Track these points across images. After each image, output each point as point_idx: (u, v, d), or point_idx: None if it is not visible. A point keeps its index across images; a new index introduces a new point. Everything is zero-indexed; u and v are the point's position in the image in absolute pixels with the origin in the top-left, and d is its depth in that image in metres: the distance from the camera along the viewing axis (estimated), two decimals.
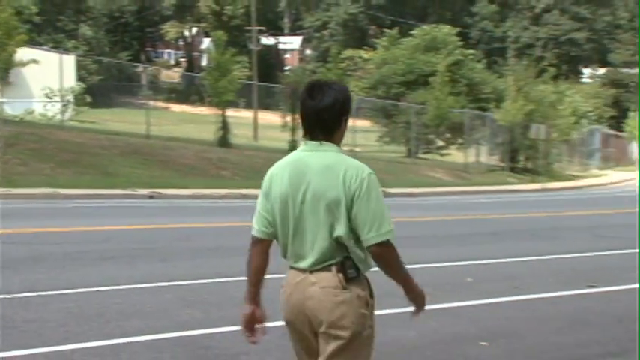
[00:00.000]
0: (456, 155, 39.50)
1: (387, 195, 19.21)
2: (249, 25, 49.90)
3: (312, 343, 3.55)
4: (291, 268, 3.57)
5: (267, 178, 3.63)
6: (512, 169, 39.27)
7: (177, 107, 53.08)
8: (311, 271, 3.45)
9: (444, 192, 27.64)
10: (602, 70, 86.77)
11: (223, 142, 29.56)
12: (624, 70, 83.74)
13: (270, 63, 73.71)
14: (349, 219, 3.37)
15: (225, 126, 29.97)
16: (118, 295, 8.28)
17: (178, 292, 8.56)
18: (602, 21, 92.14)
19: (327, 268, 3.42)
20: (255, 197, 15.06)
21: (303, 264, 3.48)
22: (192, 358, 6.22)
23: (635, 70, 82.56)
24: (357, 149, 34.82)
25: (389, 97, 42.16)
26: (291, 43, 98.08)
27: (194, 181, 22.90)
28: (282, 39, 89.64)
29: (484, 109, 41.18)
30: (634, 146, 65.27)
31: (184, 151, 27.11)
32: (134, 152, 25.15)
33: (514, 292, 9.45)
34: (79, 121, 32.18)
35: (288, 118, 31.87)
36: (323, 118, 3.45)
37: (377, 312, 7.16)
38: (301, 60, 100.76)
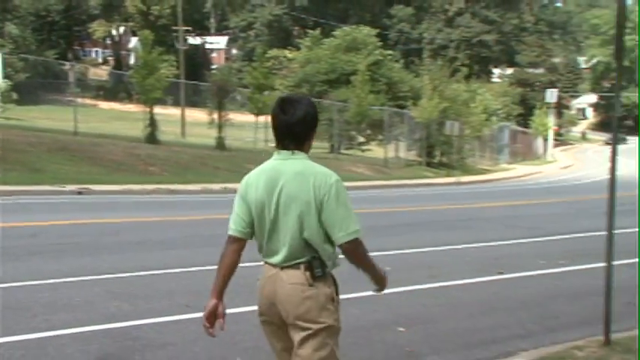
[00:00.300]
0: (376, 151, 39.82)
1: None
2: (176, 25, 49.24)
3: (281, 330, 3.74)
4: (266, 263, 3.76)
5: (243, 183, 3.80)
6: (429, 164, 39.83)
7: (105, 105, 52.10)
8: (282, 268, 3.65)
9: (365, 186, 27.80)
10: (510, 71, 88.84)
11: (151, 138, 29.13)
12: (530, 70, 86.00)
13: (197, 62, 73.01)
14: (319, 220, 3.58)
15: (153, 123, 29.53)
16: (45, 289, 8.08)
17: (106, 285, 8.40)
18: (510, 24, 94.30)
19: (296, 266, 3.62)
20: (184, 192, 15.03)
21: (275, 260, 3.67)
22: (120, 350, 6.11)
23: (539, 70, 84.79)
24: None
25: (312, 95, 42.16)
26: (217, 42, 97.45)
27: (123, 177, 22.49)
28: (208, 38, 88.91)
29: (402, 107, 41.64)
30: (539, 142, 67.05)
31: (113, 147, 26.61)
32: (62, 149, 24.54)
33: (430, 280, 9.58)
34: (5, 118, 31.22)
35: (215, 116, 31.61)
36: (295, 131, 3.64)
37: None
38: (227, 59, 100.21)
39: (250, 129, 33.32)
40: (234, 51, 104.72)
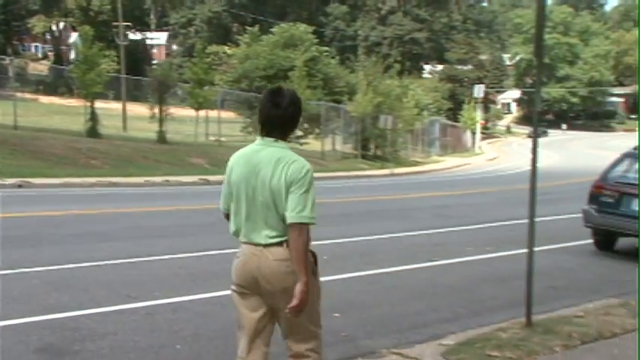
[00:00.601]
0: (313, 144, 39.87)
1: None
2: (117, 21, 48.41)
3: (254, 300, 3.90)
4: (245, 243, 3.89)
5: (228, 167, 3.98)
6: (364, 156, 40.07)
7: (45, 99, 50.80)
8: (265, 246, 3.80)
9: None
10: (440, 67, 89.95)
11: (92, 132, 28.60)
12: (459, 67, 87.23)
13: (137, 57, 71.84)
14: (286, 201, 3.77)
15: (94, 117, 28.99)
16: None
17: (46, 277, 8.23)
18: (440, 22, 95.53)
19: (279, 244, 3.79)
20: (125, 185, 14.82)
21: (258, 239, 3.82)
22: (60, 340, 6.00)
23: (467, 67, 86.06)
24: (223, 139, 34.58)
25: (251, 90, 42.02)
26: (158, 38, 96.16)
27: (64, 171, 22.01)
28: (149, 34, 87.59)
29: (338, 102, 41.75)
30: (468, 135, 68.13)
31: (53, 141, 26.01)
32: (1, 142, 23.86)
33: (365, 267, 9.66)
34: None
35: (156, 110, 31.21)
36: (284, 123, 3.86)
37: (221, 293, 7.19)
38: (168, 55, 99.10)
39: (191, 123, 33.00)
40: (174, 47, 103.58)
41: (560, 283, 9.36)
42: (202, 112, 31.89)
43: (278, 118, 3.84)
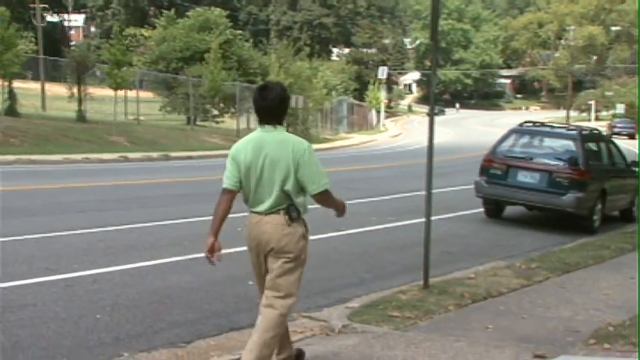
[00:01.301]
0: (229, 122, 39.50)
1: (168, 158, 18.89)
2: (34, 3, 46.38)
3: (264, 260, 4.42)
4: (252, 212, 4.42)
5: (233, 148, 4.45)
6: None
7: None
8: (266, 214, 4.33)
9: (219, 154, 27.51)
10: (347, 50, 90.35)
11: (11, 111, 27.35)
12: (364, 50, 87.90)
13: (55, 38, 69.18)
14: (295, 177, 4.29)
15: (12, 96, 27.72)
16: None
17: None
18: (346, 8, 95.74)
19: (277, 212, 4.33)
20: (45, 162, 14.22)
21: (261, 209, 4.35)
22: None
23: (372, 50, 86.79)
24: (142, 118, 33.83)
25: (169, 71, 41.25)
26: (75, 20, 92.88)
27: None
28: (67, 16, 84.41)
29: (252, 82, 41.32)
30: (373, 113, 68.88)
31: None
32: None
33: None
34: None
35: (75, 90, 30.19)
36: (273, 112, 4.36)
37: (139, 264, 7.08)
38: (86, 37, 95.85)
39: (110, 103, 32.02)
40: (92, 29, 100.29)
41: (454, 249, 9.63)
42: (121, 92, 30.99)
43: (267, 108, 4.34)
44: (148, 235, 9.36)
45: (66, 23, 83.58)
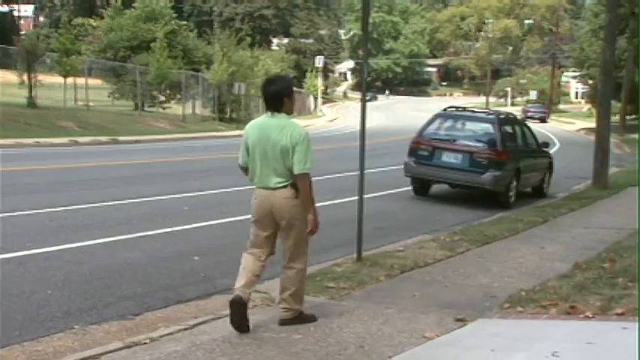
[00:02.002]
0: (175, 108, 38.90)
1: (117, 142, 18.47)
2: None
3: (268, 226, 4.85)
4: (260, 187, 4.81)
5: (245, 132, 4.91)
6: (221, 119, 39.57)
7: None
8: (275, 189, 4.74)
9: (167, 139, 27.15)
10: (286, 40, 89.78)
11: None
12: (302, 40, 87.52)
13: (5, 28, 66.49)
14: (292, 158, 4.69)
15: None
16: None
17: None
18: (285, 1, 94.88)
19: (285, 187, 4.74)
20: None
21: (269, 184, 4.75)
22: None
23: (309, 41, 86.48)
24: (91, 104, 32.95)
25: (116, 60, 40.23)
26: (25, 10, 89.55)
27: None
28: (16, 7, 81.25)
29: (197, 70, 40.77)
30: (311, 100, 68.81)
31: None
32: None
33: (222, 216, 9.60)
34: None
35: (25, 77, 29.15)
36: (274, 101, 4.76)
37: (90, 242, 6.94)
38: (35, 26, 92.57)
39: (60, 89, 31.08)
40: (41, 19, 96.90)
41: (385, 224, 9.74)
42: (70, 79, 30.12)
43: (270, 96, 4.76)
44: (98, 215, 9.16)
45: (15, 13, 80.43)
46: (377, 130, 35.90)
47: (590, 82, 50.19)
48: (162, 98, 39.17)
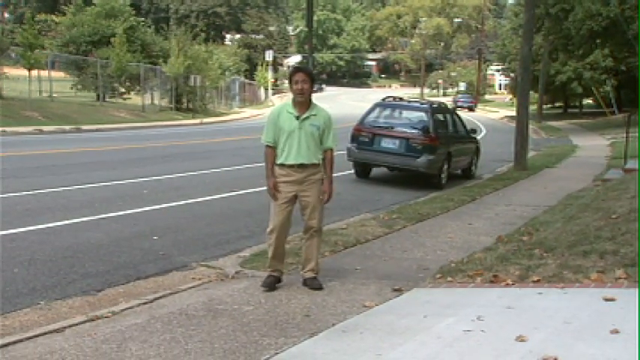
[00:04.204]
0: (135, 99, 37.99)
1: (80, 131, 18.00)
2: None
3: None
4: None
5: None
6: (178, 109, 38.88)
7: None
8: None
9: (127, 127, 26.54)
10: (238, 36, 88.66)
11: None
12: (253, 36, 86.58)
13: None
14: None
15: None
16: None
17: None
18: None
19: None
20: None
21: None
22: None
23: (260, 36, 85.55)
24: (55, 95, 31.88)
25: (79, 54, 38.94)
26: None
27: None
28: None
29: (155, 64, 39.84)
30: (262, 91, 68.30)
31: None
32: None
33: (179, 199, 9.47)
34: None
35: None
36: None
37: (55, 224, 6.76)
38: (0, 22, 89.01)
39: (25, 82, 29.99)
40: (6, 15, 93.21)
41: (329, 204, 9.71)
42: (35, 72, 29.01)
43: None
44: (62, 199, 8.91)
45: None
46: None
47: (512, 74, 51.20)
48: (123, 90, 38.21)
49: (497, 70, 72.05)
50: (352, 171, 13.05)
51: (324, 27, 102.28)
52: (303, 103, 5.16)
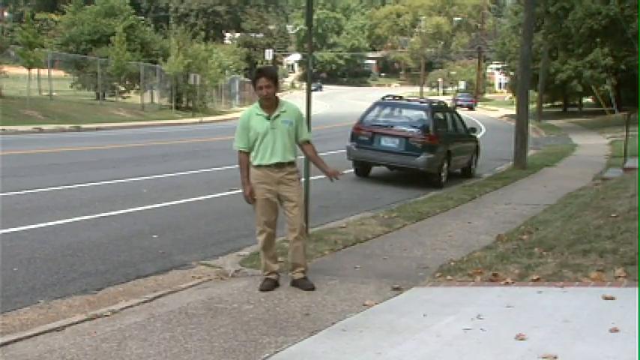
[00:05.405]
0: (134, 98, 38.01)
1: (79, 130, 17.97)
2: None
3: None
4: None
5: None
6: (178, 108, 38.87)
7: None
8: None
9: (126, 126, 26.53)
10: (237, 35, 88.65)
11: None
12: (252, 34, 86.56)
13: None
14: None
15: None
16: None
17: None
18: None
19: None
20: None
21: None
22: None
23: (259, 35, 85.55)
24: (54, 94, 31.87)
25: (78, 52, 38.94)
26: None
27: None
28: None
29: (154, 62, 39.85)
30: None
31: None
32: None
33: (178, 197, 9.47)
34: None
35: None
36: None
37: (54, 222, 6.75)
38: (0, 20, 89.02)
39: (25, 80, 30.01)
40: (5, 14, 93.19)
41: (329, 203, 9.76)
42: (34, 71, 29.01)
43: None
44: (61, 198, 8.90)
45: None
46: (322, 117, 35.90)
47: (511, 73, 51.16)
48: (122, 88, 38.19)
49: (497, 69, 72.03)
50: (352, 170, 13.04)
51: (323, 26, 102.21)
52: (271, 104, 5.16)
